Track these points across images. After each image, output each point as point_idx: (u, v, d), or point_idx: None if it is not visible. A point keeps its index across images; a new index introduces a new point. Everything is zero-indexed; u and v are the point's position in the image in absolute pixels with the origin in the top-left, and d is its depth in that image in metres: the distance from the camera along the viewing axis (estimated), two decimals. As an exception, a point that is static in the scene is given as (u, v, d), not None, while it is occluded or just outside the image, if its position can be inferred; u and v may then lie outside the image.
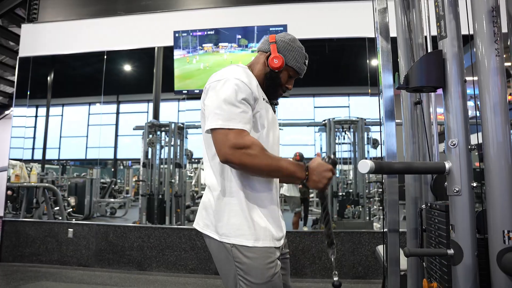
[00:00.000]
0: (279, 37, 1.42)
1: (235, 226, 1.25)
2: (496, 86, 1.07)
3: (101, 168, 11.74)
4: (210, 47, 4.74)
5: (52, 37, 5.22)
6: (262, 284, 1.24)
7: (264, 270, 1.24)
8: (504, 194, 1.04)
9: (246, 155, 1.17)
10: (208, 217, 1.33)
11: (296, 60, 1.40)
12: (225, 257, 1.27)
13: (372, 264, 3.70)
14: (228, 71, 1.29)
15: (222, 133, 1.19)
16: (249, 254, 1.24)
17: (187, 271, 3.97)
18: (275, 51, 1.38)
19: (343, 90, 13.98)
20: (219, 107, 1.21)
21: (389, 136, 1.46)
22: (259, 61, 1.43)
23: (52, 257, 4.28)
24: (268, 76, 1.39)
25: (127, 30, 5.00)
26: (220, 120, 1.20)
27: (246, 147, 1.17)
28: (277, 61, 1.37)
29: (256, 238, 1.25)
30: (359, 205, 5.94)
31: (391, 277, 1.41)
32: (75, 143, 15.82)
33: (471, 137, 1.15)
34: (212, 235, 1.30)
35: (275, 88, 1.41)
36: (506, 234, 1.03)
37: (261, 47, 1.45)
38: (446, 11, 1.16)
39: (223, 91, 1.23)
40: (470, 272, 1.09)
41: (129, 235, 4.15)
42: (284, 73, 1.40)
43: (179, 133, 6.27)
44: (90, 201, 7.14)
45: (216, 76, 1.31)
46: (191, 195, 8.43)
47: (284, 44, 1.40)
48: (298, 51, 1.41)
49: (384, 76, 1.49)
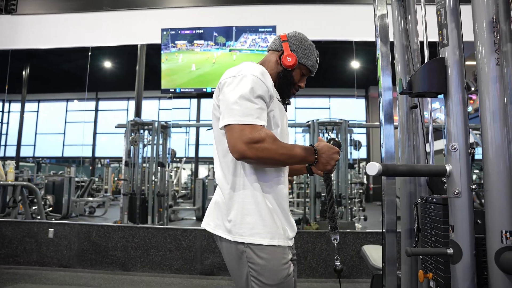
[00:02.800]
0: (291, 35, 1.43)
1: (249, 225, 1.24)
2: (496, 93, 1.12)
3: (77, 166, 11.50)
4: (201, 43, 4.72)
5: (31, 30, 5.08)
6: (275, 285, 1.24)
7: (278, 271, 1.24)
8: (502, 195, 1.10)
9: (262, 149, 1.17)
10: (220, 217, 1.31)
11: (308, 58, 1.41)
12: (238, 257, 1.26)
13: (357, 264, 3.78)
14: (244, 67, 1.27)
15: (238, 128, 1.17)
16: (263, 255, 1.23)
17: (172, 271, 3.94)
18: (287, 49, 1.38)
19: (327, 92, 14.19)
20: (236, 103, 1.20)
21: (387, 138, 1.51)
22: (271, 59, 1.43)
23: (31, 258, 4.16)
24: (281, 75, 1.39)
25: (110, 26, 4.92)
26: (237, 115, 1.18)
27: (262, 141, 1.17)
28: (290, 59, 1.36)
29: (272, 236, 1.24)
30: (341, 205, 6.04)
31: (388, 277, 1.45)
32: (51, 141, 15.42)
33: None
34: (224, 235, 1.28)
35: (288, 87, 1.41)
36: (504, 234, 1.08)
37: (272, 46, 1.45)
38: (448, 20, 1.21)
39: (240, 87, 1.21)
40: (469, 271, 1.14)
41: (112, 235, 4.08)
42: (297, 72, 1.41)
43: (163, 131, 6.20)
44: (69, 200, 6.97)
45: (232, 72, 1.28)
46: (172, 195, 8.36)
47: (297, 42, 1.41)
48: (310, 49, 1.42)
49: (384, 80, 1.53)
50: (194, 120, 12.59)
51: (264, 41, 4.45)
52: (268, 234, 1.24)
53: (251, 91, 1.21)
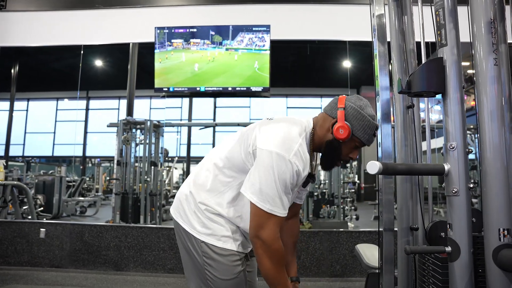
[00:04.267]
0: (350, 102, 1.31)
1: (209, 231, 1.33)
2: (494, 93, 1.14)
3: (68, 165, 11.37)
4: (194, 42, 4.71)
5: (21, 28, 5.00)
6: (228, 280, 1.32)
7: (231, 267, 1.32)
8: (500, 194, 1.11)
9: (270, 257, 1.24)
10: (184, 211, 1.39)
11: (364, 131, 1.29)
12: (193, 247, 1.34)
13: (350, 262, 3.80)
14: (288, 144, 1.24)
15: (265, 216, 1.23)
16: (218, 251, 1.32)
17: (166, 271, 3.92)
18: (342, 120, 1.28)
19: (319, 92, 14.22)
20: (271, 187, 1.22)
21: (385, 137, 1.52)
22: (324, 125, 1.34)
23: (22, 258, 4.10)
24: (329, 144, 1.31)
25: (103, 24, 4.87)
26: (269, 204, 1.22)
27: (277, 250, 1.25)
28: (342, 132, 1.27)
29: (225, 240, 1.33)
30: (334, 205, 6.08)
31: (386, 275, 1.46)
32: (41, 140, 15.24)
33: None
34: (183, 225, 1.37)
35: (333, 158, 1.34)
36: (501, 232, 1.10)
37: (328, 110, 1.36)
38: (446, 21, 1.22)
39: (279, 170, 1.21)
40: (466, 268, 1.16)
41: (105, 234, 4.04)
42: (349, 143, 1.31)
43: (155, 131, 6.17)
44: (59, 199, 6.89)
45: (277, 138, 1.25)
46: (164, 194, 8.32)
47: (354, 112, 1.29)
48: (368, 121, 1.30)
49: (381, 79, 1.54)
50: (186, 120, 12.55)
51: (261, 40, 4.45)
52: (224, 239, 1.33)
53: (288, 180, 1.23)
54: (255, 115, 13.76)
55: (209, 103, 13.54)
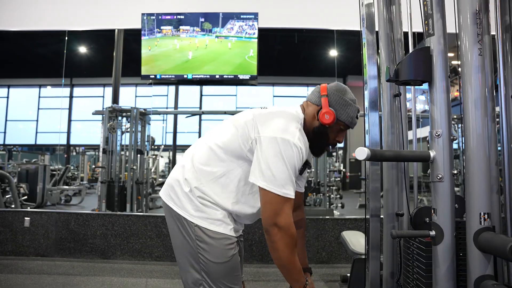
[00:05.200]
0: (331, 90, 1.40)
1: (203, 214, 1.33)
2: (478, 82, 1.17)
3: (51, 154, 11.17)
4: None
5: (2, 11, 4.85)
6: (221, 263, 1.34)
7: (224, 250, 1.34)
8: (482, 180, 1.15)
9: (287, 242, 1.25)
10: (176, 195, 1.38)
11: (347, 114, 1.38)
12: (186, 231, 1.34)
13: (336, 249, 3.87)
14: (290, 129, 1.29)
15: (281, 201, 1.24)
16: (211, 234, 1.32)
17: (153, 259, 3.93)
18: (326, 106, 1.36)
19: (305, 81, 14.23)
20: (282, 171, 1.24)
21: (372, 126, 1.55)
22: (310, 113, 1.41)
23: (6, 248, 4.05)
24: (316, 130, 1.38)
25: (88, 9, 4.76)
26: (284, 188, 1.24)
27: (293, 234, 1.26)
28: (328, 117, 1.35)
29: (219, 224, 1.33)
30: (320, 193, 6.16)
31: (372, 261, 1.51)
32: (23, 128, 14.92)
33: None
34: (176, 209, 1.36)
35: (322, 143, 1.41)
36: (482, 215, 1.15)
37: (311, 98, 1.43)
38: (434, 10, 1.24)
39: (287, 155, 1.24)
40: (449, 252, 1.20)
41: (91, 223, 4.02)
42: (335, 127, 1.39)
43: (141, 119, 6.11)
44: (43, 188, 6.80)
45: (277, 129, 1.29)
46: (151, 182, 8.29)
47: (336, 98, 1.38)
48: (350, 105, 1.38)
49: (369, 68, 1.57)
50: (172, 108, 12.44)
51: (252, 28, 4.41)
52: (218, 223, 1.33)
53: (294, 163, 1.26)
54: (242, 103, 13.73)
55: (195, 91, 13.45)
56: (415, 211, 1.41)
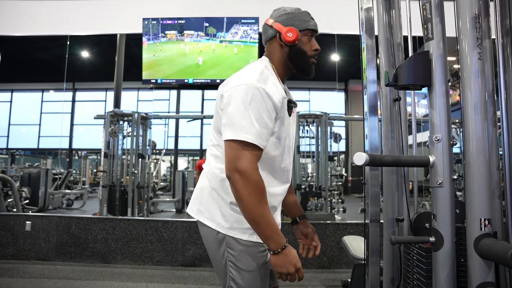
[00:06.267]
0: (274, 16, 1.38)
1: (232, 218, 1.27)
2: (477, 86, 1.16)
3: (53, 158, 11.19)
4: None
5: (5, 16, 4.87)
6: (252, 272, 1.27)
7: (255, 258, 1.27)
8: (482, 185, 1.14)
9: (250, 190, 1.15)
10: (202, 204, 1.33)
11: (302, 20, 1.35)
12: (218, 243, 1.29)
13: (337, 254, 3.85)
14: (247, 77, 1.23)
15: (240, 146, 1.16)
16: (243, 242, 1.26)
17: (153, 263, 3.92)
18: (282, 28, 1.32)
19: (307, 85, 14.26)
20: (241, 115, 1.18)
21: (372, 130, 1.54)
22: (274, 49, 1.36)
23: (7, 252, 4.05)
24: (292, 54, 1.33)
25: (89, 14, 4.78)
26: (243, 132, 1.17)
27: (256, 181, 1.16)
28: (291, 34, 1.30)
29: (251, 233, 1.25)
30: (321, 197, 6.13)
31: (372, 266, 1.49)
32: (25, 132, 14.95)
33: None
34: (205, 222, 1.30)
35: (305, 60, 1.35)
36: (482, 222, 1.13)
37: (267, 36, 1.38)
38: (433, 14, 1.24)
39: (245, 99, 1.18)
40: (449, 258, 1.19)
41: (92, 227, 4.01)
42: (303, 39, 1.34)
43: (143, 123, 6.12)
44: (45, 192, 6.79)
45: (236, 81, 1.24)
46: (152, 187, 8.28)
47: (284, 16, 1.35)
48: (299, 13, 1.36)
49: (369, 72, 1.56)
50: (173, 112, 12.44)
51: (256, 33, 4.39)
52: (249, 230, 1.25)
53: (257, 110, 1.19)
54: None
55: (197, 95, 13.46)
56: (415, 217, 1.39)
